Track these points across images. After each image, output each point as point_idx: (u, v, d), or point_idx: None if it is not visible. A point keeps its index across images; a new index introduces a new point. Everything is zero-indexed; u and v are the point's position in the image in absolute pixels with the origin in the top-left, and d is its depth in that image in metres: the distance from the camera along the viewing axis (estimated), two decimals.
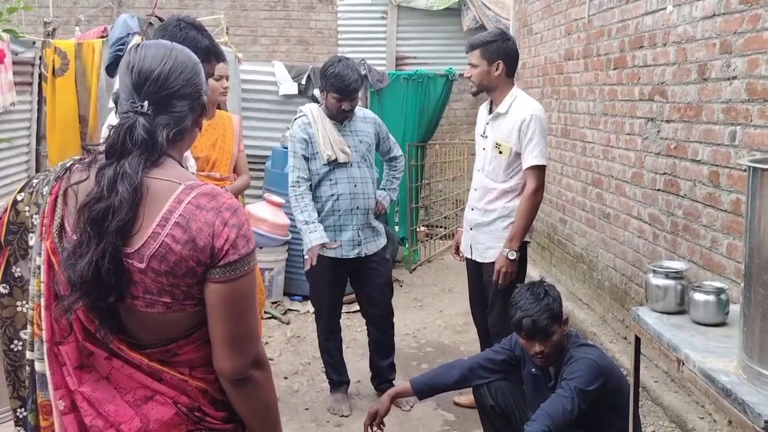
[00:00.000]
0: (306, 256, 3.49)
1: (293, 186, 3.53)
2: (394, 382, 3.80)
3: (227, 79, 3.56)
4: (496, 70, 3.35)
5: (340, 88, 3.42)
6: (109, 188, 1.29)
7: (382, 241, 3.72)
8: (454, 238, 3.86)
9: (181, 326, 1.38)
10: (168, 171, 1.37)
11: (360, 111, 3.65)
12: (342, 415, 3.63)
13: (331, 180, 3.51)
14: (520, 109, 3.33)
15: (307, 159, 3.51)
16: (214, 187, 1.39)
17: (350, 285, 3.80)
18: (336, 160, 3.47)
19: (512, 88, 3.43)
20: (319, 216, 3.52)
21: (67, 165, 1.44)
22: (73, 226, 1.35)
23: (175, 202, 1.33)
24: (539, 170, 3.32)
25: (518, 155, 3.34)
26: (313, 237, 3.46)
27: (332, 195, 3.51)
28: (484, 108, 3.59)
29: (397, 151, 3.84)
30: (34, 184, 1.46)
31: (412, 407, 3.68)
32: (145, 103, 1.36)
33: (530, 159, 3.30)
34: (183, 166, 1.46)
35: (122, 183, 1.29)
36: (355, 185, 3.54)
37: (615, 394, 2.57)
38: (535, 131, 3.28)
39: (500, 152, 3.38)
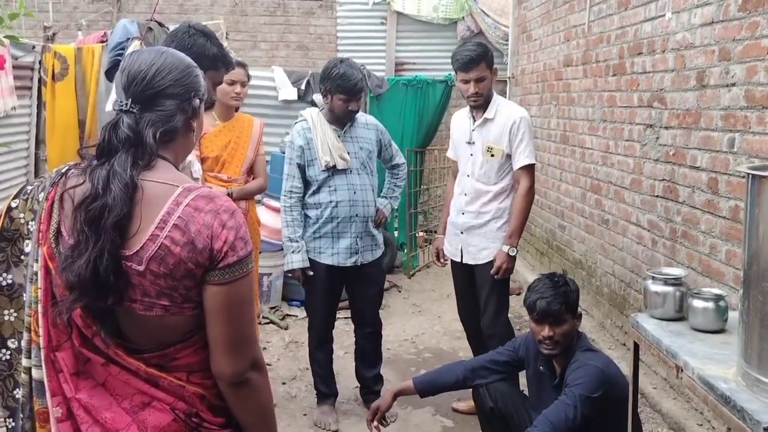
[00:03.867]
0: (289, 274, 3.57)
1: (285, 195, 3.51)
2: (381, 392, 3.76)
3: (242, 85, 3.57)
4: (495, 77, 3.51)
5: (347, 88, 3.37)
6: (104, 187, 1.30)
7: (379, 251, 3.68)
8: (434, 245, 3.93)
9: (179, 330, 1.37)
10: (162, 173, 1.38)
11: (362, 117, 3.62)
12: (329, 429, 3.57)
13: (330, 186, 3.46)
14: (507, 113, 3.47)
15: (302, 167, 3.48)
16: (211, 190, 1.40)
17: (345, 291, 3.78)
18: (335, 166, 3.43)
19: (494, 94, 3.58)
20: (317, 223, 3.49)
21: (63, 171, 1.44)
22: (69, 230, 1.35)
23: (174, 204, 1.33)
24: (531, 169, 3.47)
25: (509, 157, 3.47)
26: (295, 259, 3.47)
27: (331, 202, 3.46)
28: (463, 116, 3.65)
29: (400, 158, 3.82)
30: (28, 191, 1.46)
31: (395, 421, 3.65)
32: (129, 101, 1.38)
33: (522, 159, 3.44)
34: (178, 169, 1.46)
35: (114, 181, 1.30)
36: (355, 192, 3.49)
37: (619, 402, 2.56)
38: (525, 132, 3.43)
39: (492, 155, 3.47)
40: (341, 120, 3.50)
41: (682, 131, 3.41)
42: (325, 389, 3.71)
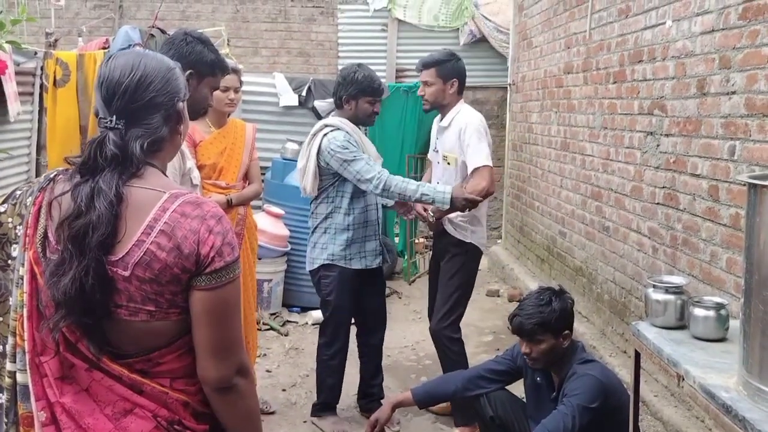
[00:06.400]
0: (441, 207, 3.32)
1: (381, 174, 3.28)
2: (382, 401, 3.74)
3: (235, 91, 3.56)
4: (451, 88, 3.52)
5: (374, 89, 3.47)
6: (87, 205, 1.29)
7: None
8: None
9: (164, 335, 1.37)
10: (150, 180, 1.38)
11: None
12: None
13: (363, 192, 3.44)
14: (458, 121, 3.50)
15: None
16: (198, 196, 1.41)
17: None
18: None
19: (459, 103, 3.57)
20: (348, 230, 3.43)
21: (51, 176, 1.43)
22: (56, 237, 1.35)
23: (160, 211, 1.33)
24: (484, 171, 3.38)
25: (465, 164, 3.47)
26: (443, 188, 3.27)
27: (363, 206, 3.48)
28: (436, 123, 3.74)
29: None
30: (17, 195, 1.45)
31: (399, 431, 3.63)
32: (113, 118, 1.36)
33: (473, 162, 3.40)
34: (166, 175, 1.46)
35: (98, 199, 1.29)
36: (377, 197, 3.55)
37: (617, 410, 2.56)
38: (472, 136, 3.41)
39: (448, 163, 3.53)
40: (364, 124, 3.58)
41: (683, 139, 3.41)
42: (333, 400, 3.65)
